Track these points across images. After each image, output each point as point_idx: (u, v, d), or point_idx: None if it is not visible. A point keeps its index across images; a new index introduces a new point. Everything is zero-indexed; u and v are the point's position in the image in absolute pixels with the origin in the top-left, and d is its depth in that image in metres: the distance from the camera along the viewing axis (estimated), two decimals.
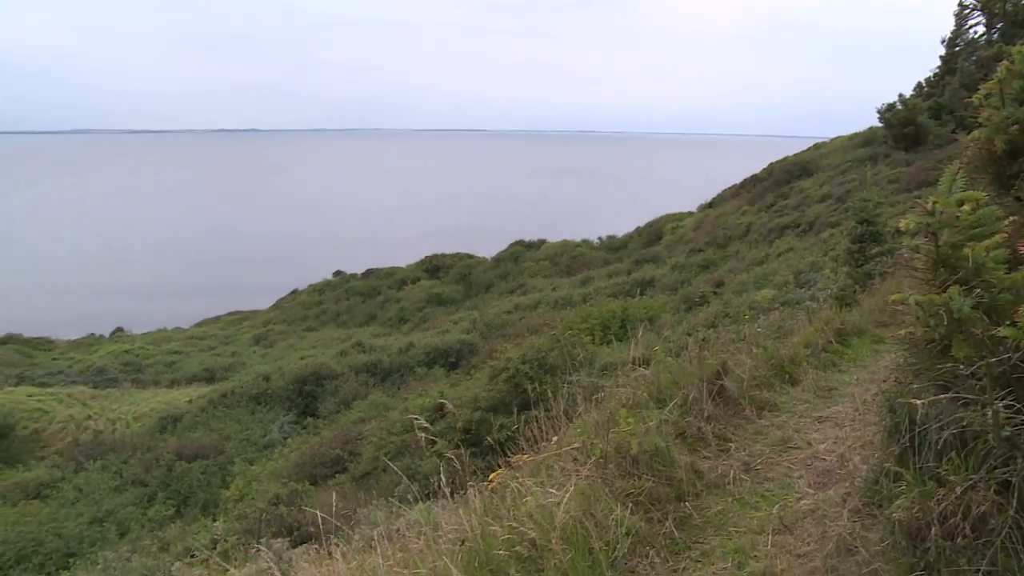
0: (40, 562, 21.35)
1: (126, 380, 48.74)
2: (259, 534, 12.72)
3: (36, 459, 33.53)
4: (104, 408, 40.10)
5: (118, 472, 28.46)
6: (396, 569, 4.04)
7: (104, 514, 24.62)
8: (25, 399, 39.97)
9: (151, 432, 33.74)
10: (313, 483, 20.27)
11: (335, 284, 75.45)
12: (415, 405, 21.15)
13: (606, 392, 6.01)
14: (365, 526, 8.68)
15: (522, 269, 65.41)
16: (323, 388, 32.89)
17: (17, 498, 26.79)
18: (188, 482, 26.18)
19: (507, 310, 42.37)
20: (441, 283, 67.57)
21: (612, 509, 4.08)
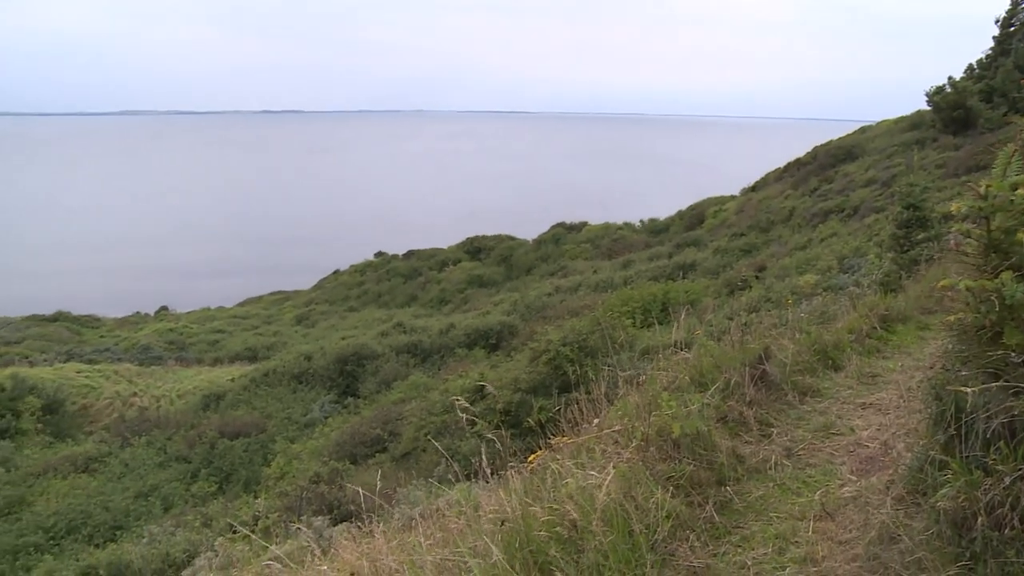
0: (89, 533, 21.77)
1: (170, 358, 49.42)
2: (300, 511, 12.86)
3: (84, 434, 34.13)
4: (149, 385, 40.69)
5: (162, 448, 28.89)
6: (436, 548, 4.06)
7: (149, 489, 25.03)
8: (74, 375, 40.67)
9: (194, 410, 34.19)
10: (353, 462, 20.45)
11: (377, 265, 75.84)
12: (455, 386, 21.22)
13: (647, 375, 5.98)
14: (405, 505, 8.74)
15: (563, 251, 65.30)
16: (364, 368, 33.09)
17: (67, 471, 27.34)
18: (230, 459, 26.51)
19: (548, 292, 42.32)
20: (482, 265, 67.65)
21: (653, 492, 4.07)
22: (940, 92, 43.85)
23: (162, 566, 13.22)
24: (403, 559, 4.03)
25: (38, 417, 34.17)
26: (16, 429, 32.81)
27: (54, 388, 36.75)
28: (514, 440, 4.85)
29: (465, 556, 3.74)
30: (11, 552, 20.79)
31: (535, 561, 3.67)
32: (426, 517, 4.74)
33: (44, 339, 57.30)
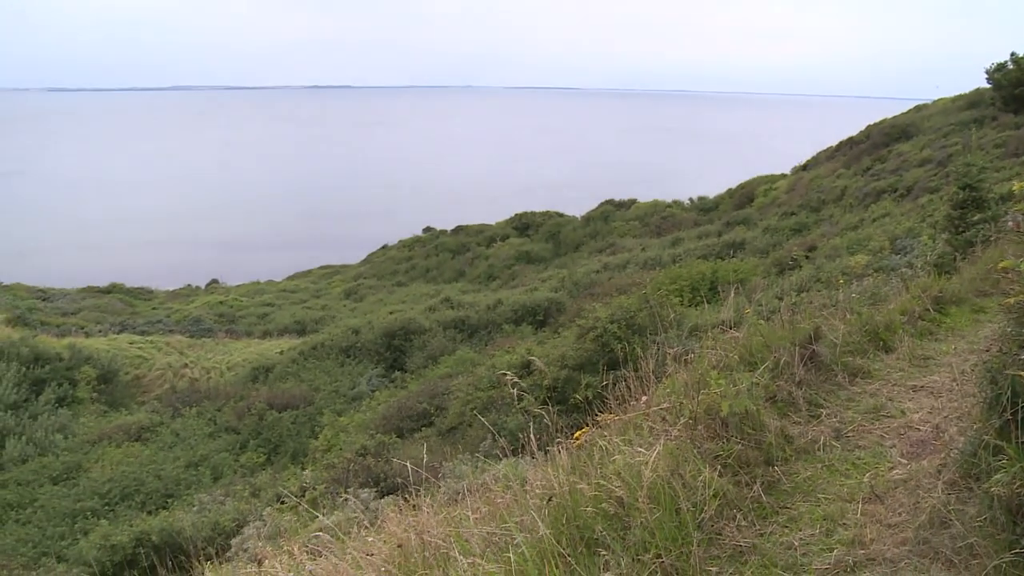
0: (142, 500, 22.22)
1: (220, 330, 50.06)
2: (346, 484, 13.00)
3: (137, 403, 34.78)
4: (200, 357, 41.29)
5: (212, 419, 29.34)
6: (483, 522, 4.10)
7: (199, 459, 25.45)
8: (127, 346, 41.42)
9: (244, 381, 34.65)
10: (400, 436, 20.60)
11: (425, 240, 76.09)
12: (502, 362, 21.25)
13: (696, 353, 5.96)
14: (451, 480, 8.81)
15: (612, 228, 65.02)
16: (411, 343, 33.26)
17: (121, 439, 27.90)
18: (278, 431, 26.85)
19: (596, 269, 42.22)
20: (530, 241, 67.58)
21: (700, 470, 4.06)
22: (1001, 69, 42.80)
23: (212, 534, 13.45)
24: (450, 532, 4.07)
25: (93, 387, 34.87)
26: (73, 398, 33.53)
27: (108, 358, 37.46)
28: (560, 416, 4.86)
29: (512, 531, 3.76)
30: (70, 515, 21.34)
31: (581, 537, 3.68)
32: (472, 491, 4.77)
33: (99, 311, 58.37)
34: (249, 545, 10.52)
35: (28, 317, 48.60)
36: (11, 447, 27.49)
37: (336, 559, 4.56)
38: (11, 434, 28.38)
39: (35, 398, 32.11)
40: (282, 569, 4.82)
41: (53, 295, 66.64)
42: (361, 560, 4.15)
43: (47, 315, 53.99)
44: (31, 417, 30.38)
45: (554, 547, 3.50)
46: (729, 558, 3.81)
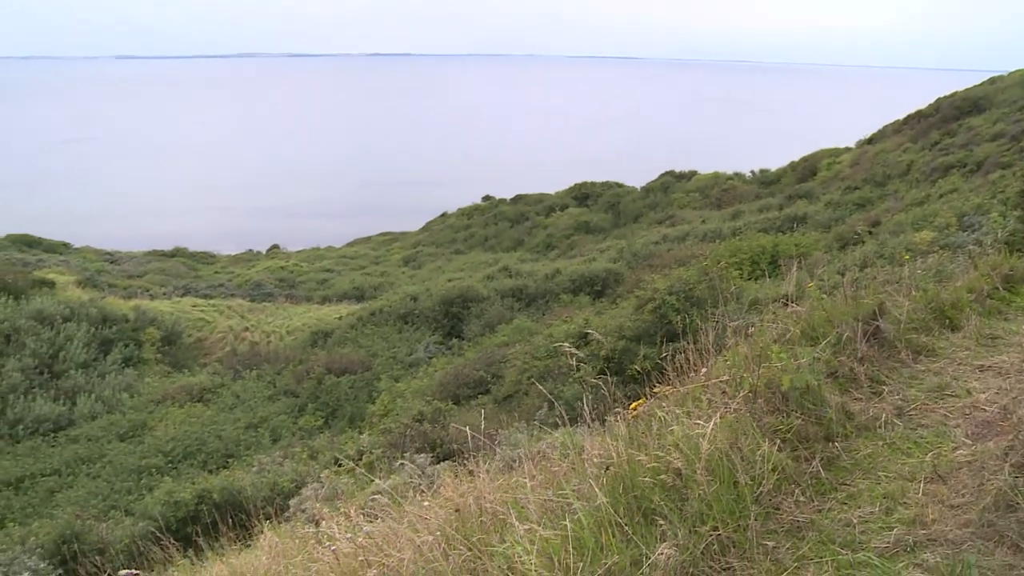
0: (203, 460, 22.72)
1: (281, 295, 50.70)
2: (403, 448, 13.14)
3: (199, 365, 35.45)
4: (260, 321, 41.88)
5: (272, 382, 29.81)
6: (540, 489, 4.12)
7: (259, 420, 25.90)
8: (190, 309, 42.15)
9: (303, 346, 35.11)
10: (456, 403, 20.76)
11: (484, 208, 76.16)
12: (559, 331, 21.27)
13: (757, 327, 5.91)
14: (506, 447, 8.85)
15: (671, 200, 64.50)
16: (469, 311, 33.41)
17: (184, 400, 28.50)
18: (336, 395, 27.18)
19: (655, 241, 41.95)
20: (589, 211, 67.32)
21: (759, 444, 4.03)
22: None
23: (271, 494, 13.70)
24: (506, 498, 4.10)
25: (158, 348, 35.62)
26: (138, 358, 34.29)
27: (172, 321, 38.20)
28: (616, 387, 4.86)
29: (569, 498, 3.78)
30: (136, 472, 21.94)
31: (639, 507, 3.69)
32: (529, 459, 4.80)
33: (163, 274, 59.46)
34: (307, 506, 10.70)
35: (97, 279, 49.72)
36: (82, 404, 28.29)
37: (393, 522, 4.62)
38: (82, 392, 29.19)
39: (103, 358, 32.92)
40: (339, 530, 4.89)
41: (120, 258, 68.07)
42: (418, 523, 4.20)
43: (114, 277, 55.17)
44: (100, 376, 31.17)
45: (611, 516, 3.51)
46: (786, 533, 3.78)
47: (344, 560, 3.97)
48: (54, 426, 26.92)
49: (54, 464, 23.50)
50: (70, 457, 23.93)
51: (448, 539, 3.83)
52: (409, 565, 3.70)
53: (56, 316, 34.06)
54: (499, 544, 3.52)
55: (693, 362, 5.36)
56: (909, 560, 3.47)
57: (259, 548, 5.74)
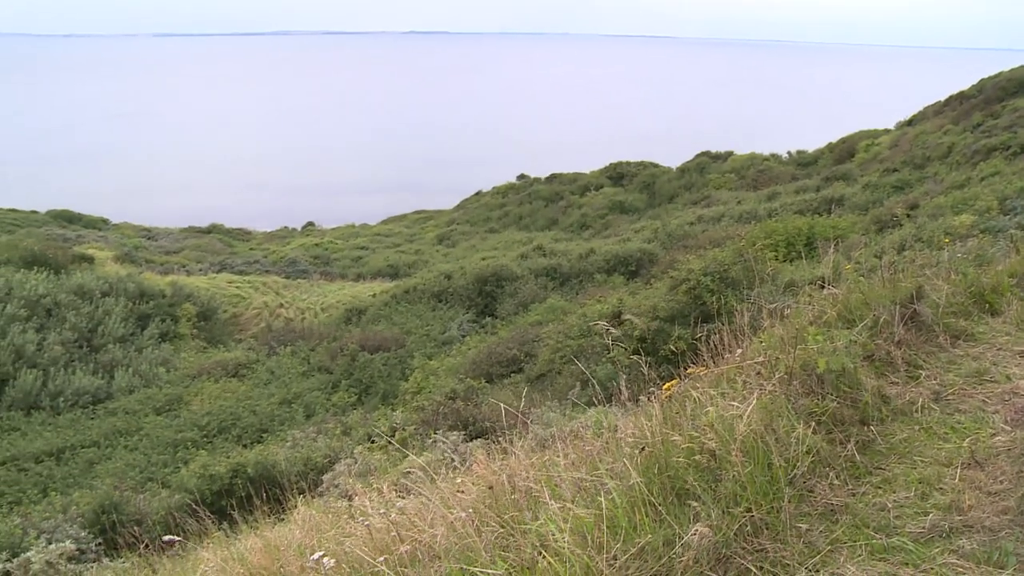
0: (238, 434, 22.98)
1: (315, 272, 51.01)
2: (436, 426, 13.21)
3: (234, 341, 35.80)
4: (295, 298, 42.18)
5: (306, 358, 30.04)
6: (573, 468, 4.13)
7: (293, 396, 26.12)
8: (226, 285, 42.54)
9: (337, 323, 35.34)
10: (489, 381, 20.80)
11: (519, 187, 76.04)
12: (593, 311, 21.23)
13: (793, 308, 5.87)
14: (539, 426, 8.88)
15: (707, 180, 64.02)
16: (502, 289, 33.44)
17: (219, 375, 28.81)
18: (370, 372, 27.33)
19: (690, 221, 41.73)
20: (624, 191, 67.03)
21: (794, 426, 4.01)
22: None
23: (304, 469, 13.84)
24: (540, 476, 4.11)
25: (193, 323, 36.01)
26: (175, 333, 34.68)
27: (208, 297, 38.58)
28: (650, 368, 4.85)
29: (603, 477, 3.78)
30: (172, 445, 22.25)
31: (672, 487, 3.69)
32: (562, 438, 4.80)
33: (199, 250, 59.99)
34: (340, 481, 10.80)
35: (134, 255, 50.29)
36: (120, 378, 28.69)
37: (426, 498, 4.65)
38: (120, 366, 29.60)
39: (140, 332, 33.34)
40: (372, 506, 4.93)
41: (157, 234, 68.78)
42: (451, 499, 4.23)
43: (151, 253, 55.81)
44: (137, 350, 31.57)
45: (645, 495, 3.51)
46: (820, 516, 3.77)
47: (377, 535, 4.00)
48: (93, 399, 27.35)
49: (93, 436, 23.90)
50: (108, 429, 24.31)
51: (481, 515, 3.85)
52: (442, 541, 3.72)
53: (95, 291, 34.50)
54: (532, 521, 3.54)
55: (728, 343, 5.34)
56: (944, 546, 3.44)
57: (293, 522, 5.81)
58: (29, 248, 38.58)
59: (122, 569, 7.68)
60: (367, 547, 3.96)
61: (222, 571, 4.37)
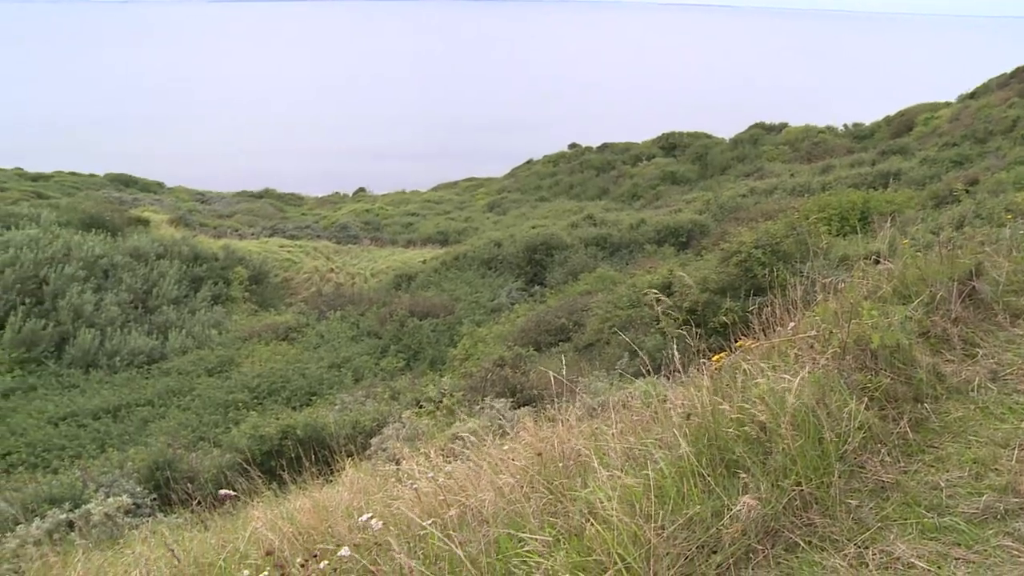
0: (287, 396, 23.31)
1: (366, 237, 51.31)
2: (483, 392, 13.27)
3: (285, 305, 36.19)
4: (345, 263, 42.48)
5: (355, 323, 30.30)
6: (622, 436, 4.12)
7: (342, 360, 26.40)
8: (277, 249, 42.96)
9: (386, 288, 35.56)
10: (537, 349, 20.84)
11: (570, 156, 75.68)
12: (643, 282, 21.14)
13: (847, 283, 5.79)
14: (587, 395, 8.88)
15: (760, 152, 63.23)
16: (552, 258, 33.41)
17: (269, 338, 29.19)
18: (418, 338, 27.50)
19: (742, 193, 41.31)
20: (676, 161, 66.44)
21: (846, 401, 3.97)
22: None
23: (352, 432, 13.99)
24: (589, 444, 4.12)
25: (245, 286, 36.45)
26: (227, 296, 35.15)
27: (260, 260, 39.00)
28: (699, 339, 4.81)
29: (651, 447, 3.78)
30: (223, 405, 22.65)
31: (721, 458, 3.67)
32: (610, 407, 4.80)
33: (252, 214, 60.61)
34: (388, 445, 10.91)
35: (188, 218, 50.94)
36: (173, 339, 29.19)
37: (474, 463, 4.68)
38: (173, 327, 30.10)
39: (194, 295, 33.84)
40: (419, 470, 4.97)
41: (211, 198, 69.64)
42: (500, 464, 4.25)
43: (205, 217, 56.49)
44: (190, 312, 32.07)
45: (694, 465, 3.50)
46: (870, 492, 3.73)
47: (425, 499, 4.04)
48: (148, 359, 27.87)
49: (147, 395, 24.40)
50: (162, 389, 24.80)
51: (530, 481, 3.87)
52: (490, 506, 3.75)
53: (150, 253, 35.05)
54: (581, 489, 3.55)
55: (779, 316, 5.28)
56: (999, 528, 3.39)
57: (341, 484, 5.87)
58: (88, 211, 39.29)
59: (175, 524, 7.84)
60: (415, 510, 4.00)
61: (272, 529, 4.43)
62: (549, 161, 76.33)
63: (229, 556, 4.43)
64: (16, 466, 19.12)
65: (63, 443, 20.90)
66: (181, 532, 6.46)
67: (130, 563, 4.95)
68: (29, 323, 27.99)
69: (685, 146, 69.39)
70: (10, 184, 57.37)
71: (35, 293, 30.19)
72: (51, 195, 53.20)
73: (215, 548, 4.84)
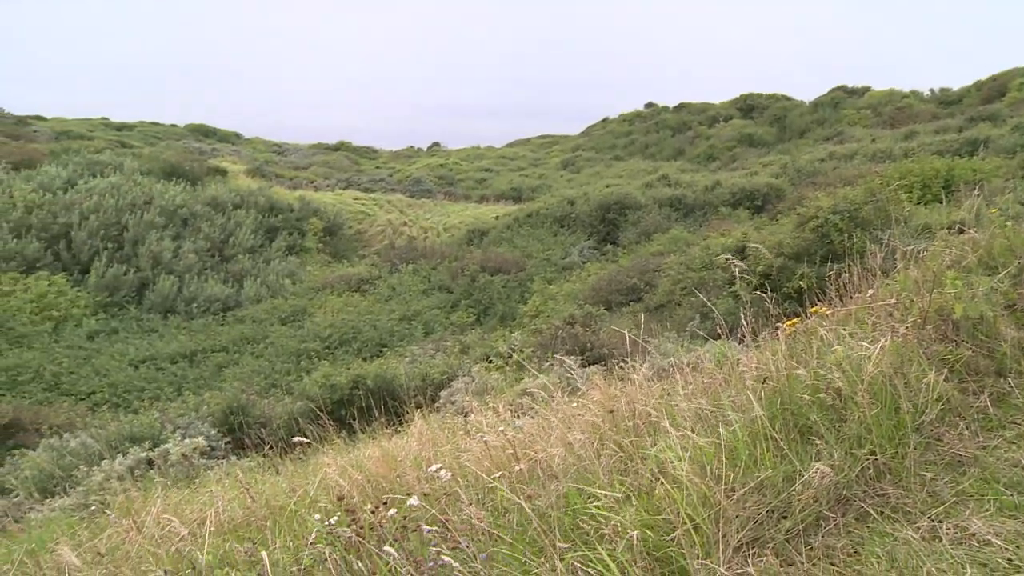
0: (358, 347, 23.65)
1: (439, 192, 51.59)
2: (553, 350, 13.30)
3: (358, 256, 36.63)
4: (418, 217, 42.77)
5: (427, 277, 30.56)
6: (694, 397, 4.10)
7: (412, 313, 26.68)
8: (351, 202, 43.39)
9: (459, 243, 35.77)
10: (607, 308, 20.81)
11: (646, 115, 74.96)
12: (716, 244, 20.94)
13: (929, 251, 5.64)
14: (657, 355, 8.84)
15: (841, 116, 61.86)
16: (625, 218, 33.26)
17: (342, 289, 29.60)
18: (489, 294, 27.64)
19: (820, 158, 40.55)
20: (754, 123, 65.38)
21: (925, 372, 3.88)
22: None
23: (422, 384, 14.16)
24: (660, 404, 4.10)
25: (319, 237, 36.96)
26: (301, 247, 35.69)
27: (334, 212, 39.46)
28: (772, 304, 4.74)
29: (724, 408, 3.75)
30: (295, 354, 23.09)
31: (795, 423, 3.63)
32: (681, 368, 4.76)
33: (327, 166, 61.28)
34: (457, 398, 11.02)
35: (265, 169, 51.72)
36: (248, 287, 29.80)
37: (543, 418, 4.70)
38: (248, 276, 30.72)
39: (269, 244, 34.44)
40: (488, 423, 5.00)
41: (287, 149, 70.53)
42: (571, 420, 4.26)
43: (281, 168, 57.29)
44: (265, 262, 32.66)
45: (767, 429, 3.47)
46: (947, 466, 3.66)
47: (494, 452, 4.06)
48: (223, 306, 28.52)
49: (222, 341, 24.99)
50: (237, 336, 25.36)
51: (601, 438, 3.87)
52: (559, 461, 3.76)
53: (228, 203, 35.71)
54: (651, 448, 3.54)
55: (857, 284, 5.18)
56: None
57: (410, 434, 5.93)
58: (168, 160, 40.12)
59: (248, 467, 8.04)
60: (483, 463, 4.04)
61: (342, 476, 4.51)
62: (625, 120, 75.71)
63: (300, 500, 4.53)
64: (100, 405, 19.85)
65: (143, 385, 21.59)
66: (253, 475, 6.62)
67: (205, 502, 5.08)
68: (112, 269, 28.79)
69: (763, 108, 68.20)
70: (96, 133, 58.80)
71: (117, 239, 31.03)
72: (134, 144, 54.42)
73: (286, 492, 4.95)
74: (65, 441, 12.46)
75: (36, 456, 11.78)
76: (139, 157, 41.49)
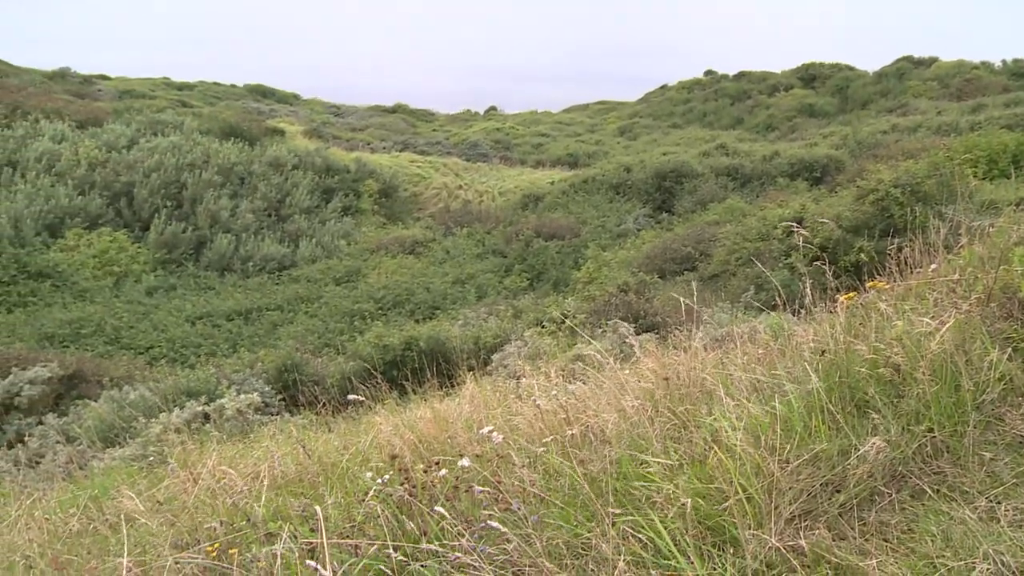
0: (411, 309, 23.84)
1: (495, 156, 51.52)
2: (607, 316, 13.27)
3: (413, 219, 36.82)
4: (473, 180, 42.79)
5: (481, 241, 30.63)
6: (749, 367, 4.07)
7: (466, 277, 26.79)
8: (407, 164, 43.51)
9: (514, 208, 35.76)
10: (661, 277, 20.72)
11: (705, 83, 74.00)
12: (773, 215, 20.71)
13: (996, 227, 5.52)
14: (711, 325, 8.79)
15: (906, 88, 60.51)
16: (682, 186, 33.03)
17: (396, 251, 29.80)
18: (543, 259, 27.65)
19: (883, 130, 39.78)
20: (815, 93, 64.22)
21: (987, 350, 3.80)
22: None
23: (474, 347, 14.22)
24: (715, 372, 4.08)
25: (375, 199, 37.16)
26: (357, 208, 35.93)
27: (390, 174, 39.61)
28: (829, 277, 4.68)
29: (781, 379, 3.72)
30: (348, 314, 23.35)
31: (852, 397, 3.59)
32: (737, 338, 4.73)
33: (383, 128, 61.48)
34: (509, 362, 11.06)
35: (322, 130, 52.01)
36: (303, 247, 30.12)
37: (596, 384, 4.70)
38: (304, 236, 31.04)
39: (325, 205, 34.72)
40: (540, 387, 5.01)
41: (344, 111, 70.87)
42: (625, 386, 4.26)
43: (338, 129, 57.61)
44: (320, 222, 32.95)
45: (823, 402, 3.43)
46: (1007, 446, 3.59)
47: (546, 416, 4.07)
48: (279, 266, 28.88)
49: (277, 300, 25.35)
50: (291, 295, 25.70)
51: (655, 405, 3.87)
52: (612, 427, 3.76)
53: (285, 163, 36.01)
54: (705, 416, 3.53)
55: (918, 259, 5.09)
56: None
57: (461, 396, 5.96)
58: (227, 120, 40.53)
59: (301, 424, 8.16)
60: (536, 426, 4.05)
61: (394, 434, 4.56)
62: (683, 87, 74.85)
63: (352, 458, 4.59)
64: (158, 359, 20.27)
65: (199, 340, 22.00)
66: (307, 432, 6.71)
67: (260, 457, 5.17)
68: (171, 227, 29.26)
69: (825, 77, 66.91)
70: (158, 92, 59.57)
71: (176, 198, 31.50)
72: (194, 104, 55.06)
73: (338, 450, 5.02)
74: (125, 393, 12.77)
75: (98, 407, 12.10)
76: (199, 117, 42.03)
